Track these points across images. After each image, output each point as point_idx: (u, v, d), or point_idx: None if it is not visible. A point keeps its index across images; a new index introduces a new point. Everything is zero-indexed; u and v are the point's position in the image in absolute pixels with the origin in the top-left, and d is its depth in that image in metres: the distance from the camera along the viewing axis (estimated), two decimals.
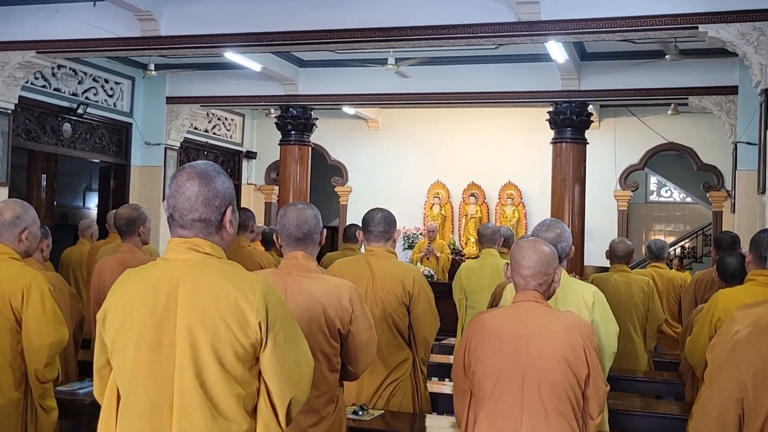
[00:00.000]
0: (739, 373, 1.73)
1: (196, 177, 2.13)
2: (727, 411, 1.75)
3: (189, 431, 2.03)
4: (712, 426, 1.80)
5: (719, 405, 1.77)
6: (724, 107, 9.38)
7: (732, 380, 1.74)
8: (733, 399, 1.73)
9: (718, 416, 1.78)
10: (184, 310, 2.06)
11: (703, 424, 1.84)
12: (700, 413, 1.86)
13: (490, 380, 2.80)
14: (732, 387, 1.74)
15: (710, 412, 1.81)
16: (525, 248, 2.91)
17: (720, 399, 1.78)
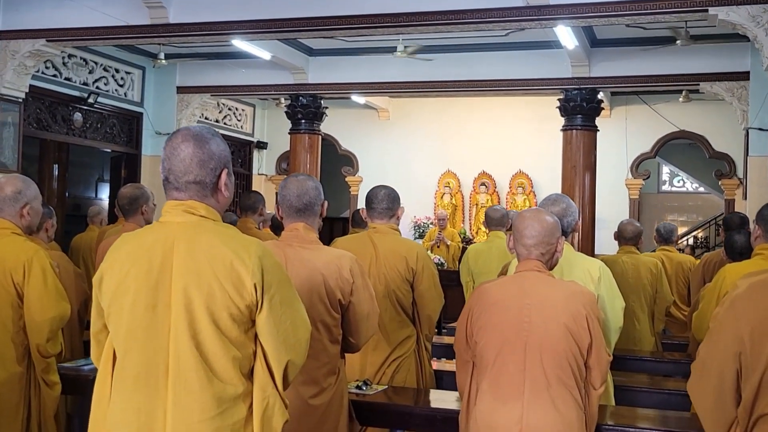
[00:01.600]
0: (737, 328, 1.71)
1: (191, 139, 2.12)
2: (726, 366, 1.73)
3: (184, 393, 2.03)
4: (711, 382, 1.78)
5: (718, 360, 1.76)
6: (736, 93, 9.30)
7: (730, 335, 1.72)
8: (731, 354, 1.71)
9: (717, 372, 1.76)
10: (180, 272, 2.06)
11: (703, 380, 1.82)
12: (699, 369, 1.84)
13: (492, 350, 2.78)
14: (730, 342, 1.72)
15: (709, 368, 1.79)
16: (527, 218, 2.89)
17: (719, 354, 1.76)
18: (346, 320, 3.01)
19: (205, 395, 2.03)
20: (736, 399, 1.73)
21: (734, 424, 1.75)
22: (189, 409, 2.03)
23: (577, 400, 2.75)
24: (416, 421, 3.36)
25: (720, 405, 1.76)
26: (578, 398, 2.75)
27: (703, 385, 1.81)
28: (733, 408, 1.74)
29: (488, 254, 5.97)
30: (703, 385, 1.82)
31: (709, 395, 1.79)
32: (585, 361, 2.77)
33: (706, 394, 1.80)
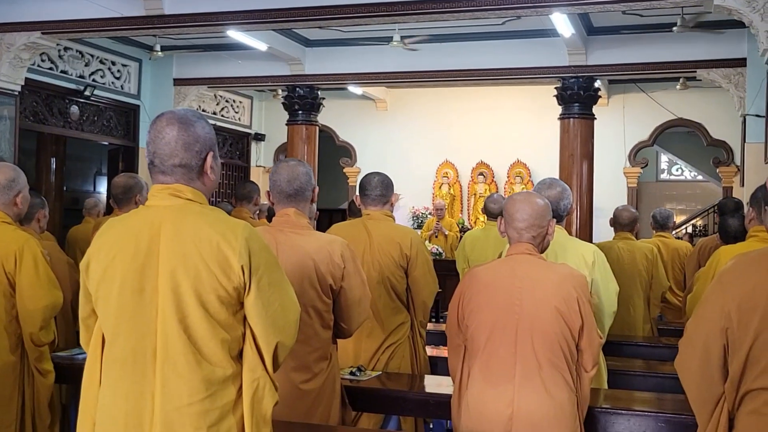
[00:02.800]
0: (724, 303, 1.70)
1: (176, 122, 2.11)
2: (712, 342, 1.72)
3: (173, 376, 2.03)
4: (697, 358, 1.77)
5: (704, 336, 1.75)
6: (733, 80, 9.28)
7: (717, 310, 1.71)
8: (718, 329, 1.70)
9: (703, 347, 1.75)
10: (166, 256, 2.05)
11: (689, 356, 1.81)
12: (686, 345, 1.83)
13: (484, 333, 2.78)
14: (717, 317, 1.71)
15: (695, 344, 1.79)
16: (518, 201, 2.88)
17: (705, 330, 1.75)
18: (337, 305, 3.00)
19: (193, 378, 2.03)
20: (723, 375, 1.72)
21: (721, 399, 1.74)
22: (178, 392, 2.02)
23: (569, 383, 2.75)
24: (409, 406, 3.36)
25: (707, 381, 1.76)
26: (569, 381, 2.75)
27: (690, 361, 1.81)
28: (720, 383, 1.73)
29: (485, 241, 5.96)
30: (689, 361, 1.81)
31: (695, 371, 1.79)
32: (576, 344, 2.77)
33: (693, 371, 1.80)
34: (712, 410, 1.76)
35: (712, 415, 1.76)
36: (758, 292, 1.64)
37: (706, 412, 1.78)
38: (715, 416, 1.75)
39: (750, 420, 1.67)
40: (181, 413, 2.01)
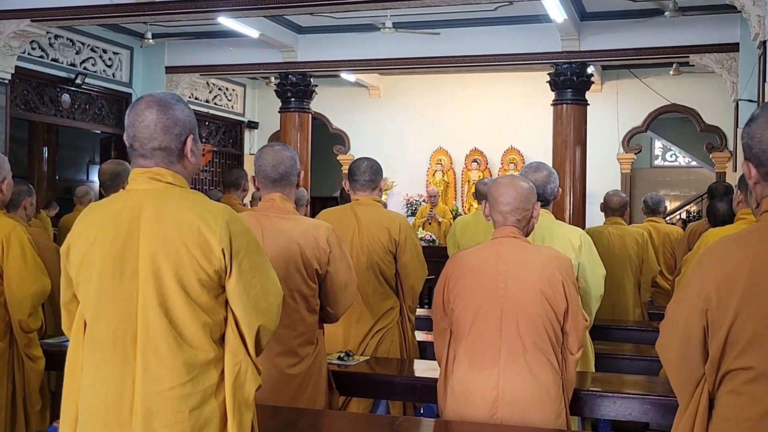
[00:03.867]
0: (703, 284, 1.70)
1: (155, 105, 2.10)
2: (692, 323, 1.72)
3: (154, 360, 2.02)
4: (677, 339, 1.77)
5: (684, 318, 1.75)
6: (726, 65, 9.27)
7: (697, 292, 1.71)
8: (697, 311, 1.70)
9: (683, 329, 1.75)
10: (147, 240, 2.04)
11: (670, 338, 1.81)
12: (666, 328, 1.83)
13: (469, 316, 2.78)
14: (697, 298, 1.71)
15: (676, 326, 1.78)
16: (503, 184, 2.88)
17: (685, 312, 1.75)
18: (323, 290, 3.00)
19: (175, 362, 2.02)
20: (703, 356, 1.72)
21: (702, 380, 1.74)
22: (159, 376, 2.02)
23: (554, 365, 2.75)
24: (397, 391, 3.37)
25: (687, 362, 1.76)
26: (555, 363, 2.76)
27: (671, 343, 1.81)
28: (701, 365, 1.73)
29: (475, 226, 5.93)
30: (670, 343, 1.81)
31: (676, 353, 1.79)
32: (562, 327, 2.77)
33: (674, 352, 1.80)
34: (692, 392, 1.76)
35: (693, 397, 1.76)
36: (737, 273, 1.64)
37: (687, 393, 1.78)
38: (695, 397, 1.75)
39: (729, 399, 1.68)
40: (162, 397, 2.01)
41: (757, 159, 1.73)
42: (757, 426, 1.61)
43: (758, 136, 1.72)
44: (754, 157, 1.74)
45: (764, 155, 1.71)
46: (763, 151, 1.71)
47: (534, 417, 2.69)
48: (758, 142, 1.72)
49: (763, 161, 1.72)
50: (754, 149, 1.73)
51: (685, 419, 1.75)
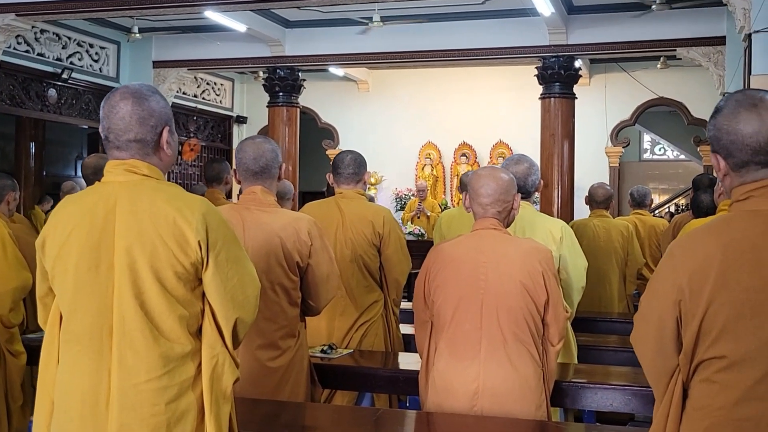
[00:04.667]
0: (675, 275, 1.70)
1: (130, 96, 2.08)
2: (666, 315, 1.72)
3: (130, 353, 2.02)
4: (651, 331, 1.77)
5: (658, 310, 1.75)
6: (712, 58, 9.28)
7: (669, 283, 1.71)
8: (671, 302, 1.70)
9: (657, 321, 1.75)
10: (122, 232, 2.03)
11: (644, 330, 1.81)
12: (640, 320, 1.83)
13: (449, 308, 2.78)
14: (670, 290, 1.71)
15: (649, 318, 1.78)
16: (483, 176, 2.88)
17: (658, 303, 1.75)
18: (305, 283, 3.00)
19: (151, 355, 2.02)
20: (677, 347, 1.73)
21: (676, 371, 1.75)
22: (135, 369, 2.01)
23: (534, 357, 2.75)
24: (379, 383, 3.37)
25: (661, 354, 1.76)
26: (535, 355, 2.76)
27: (644, 335, 1.81)
28: (675, 356, 1.73)
29: (461, 219, 5.91)
30: (644, 335, 1.81)
31: (650, 345, 1.79)
32: (542, 318, 2.77)
33: (648, 344, 1.80)
34: (667, 383, 1.77)
35: (668, 387, 1.77)
36: (708, 263, 1.64)
37: (662, 384, 1.78)
38: (670, 388, 1.75)
39: (702, 387, 1.68)
40: (138, 390, 2.00)
41: (726, 150, 1.73)
42: (729, 414, 1.62)
43: (725, 126, 1.72)
44: (723, 148, 1.74)
45: (732, 146, 1.71)
46: (731, 141, 1.71)
47: (514, 408, 2.70)
48: (726, 132, 1.72)
49: (731, 152, 1.72)
50: (722, 140, 1.73)
51: (661, 410, 1.76)
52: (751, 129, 1.68)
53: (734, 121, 1.70)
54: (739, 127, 1.70)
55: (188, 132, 12.79)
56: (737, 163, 1.72)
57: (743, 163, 1.71)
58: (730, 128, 1.71)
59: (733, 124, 1.70)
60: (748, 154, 1.69)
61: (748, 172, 1.71)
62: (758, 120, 1.68)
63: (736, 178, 1.73)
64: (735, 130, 1.70)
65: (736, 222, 1.69)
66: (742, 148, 1.70)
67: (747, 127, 1.69)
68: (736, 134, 1.70)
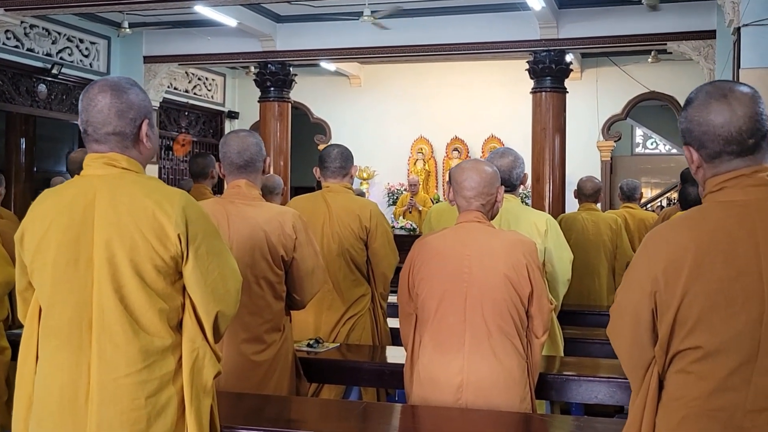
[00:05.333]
0: (650, 267, 1.70)
1: (108, 89, 2.07)
2: (641, 307, 1.72)
3: (109, 347, 2.01)
4: (627, 323, 1.77)
5: (633, 302, 1.75)
6: (703, 52, 9.30)
7: (644, 275, 1.71)
8: (646, 294, 1.70)
9: (632, 313, 1.75)
10: (101, 226, 2.03)
11: (620, 322, 1.81)
12: (616, 312, 1.83)
13: (434, 301, 2.78)
14: (645, 281, 1.71)
15: (625, 310, 1.78)
16: (467, 169, 2.87)
17: (634, 295, 1.75)
18: (290, 276, 2.99)
19: (131, 348, 2.02)
20: (653, 339, 1.72)
21: (652, 363, 1.75)
22: (115, 363, 2.01)
23: (519, 350, 2.75)
24: (365, 377, 3.37)
25: (637, 346, 1.76)
26: (519, 347, 2.76)
27: (620, 327, 1.81)
28: (651, 348, 1.73)
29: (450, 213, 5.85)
30: (620, 327, 1.81)
31: (626, 337, 1.79)
32: (527, 310, 2.77)
33: (624, 336, 1.80)
34: (643, 375, 1.77)
35: (644, 379, 1.77)
36: (682, 254, 1.64)
37: (638, 377, 1.78)
38: (646, 379, 1.76)
39: (677, 378, 1.68)
40: (118, 384, 2.00)
41: (698, 141, 1.73)
42: (704, 404, 1.62)
43: (697, 118, 1.73)
44: (695, 140, 1.74)
45: (705, 137, 1.71)
46: (703, 132, 1.71)
47: (499, 401, 2.70)
48: (698, 124, 1.72)
49: (704, 143, 1.72)
50: (694, 132, 1.73)
51: (637, 402, 1.76)
52: (722, 119, 1.69)
53: (705, 112, 1.71)
54: (710, 117, 1.70)
55: (179, 127, 12.77)
56: (710, 154, 1.72)
57: (716, 154, 1.71)
58: (702, 119, 1.71)
59: (705, 115, 1.71)
60: (720, 144, 1.69)
61: (722, 163, 1.71)
62: (729, 110, 1.68)
63: (710, 170, 1.73)
64: (706, 121, 1.70)
65: (710, 213, 1.69)
66: (714, 139, 1.70)
67: (718, 118, 1.69)
68: (708, 125, 1.70)
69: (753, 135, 1.68)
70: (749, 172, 1.68)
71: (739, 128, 1.67)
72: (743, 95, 1.70)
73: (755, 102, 1.69)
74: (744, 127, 1.67)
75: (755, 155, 1.69)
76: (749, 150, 1.69)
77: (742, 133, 1.68)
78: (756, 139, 1.68)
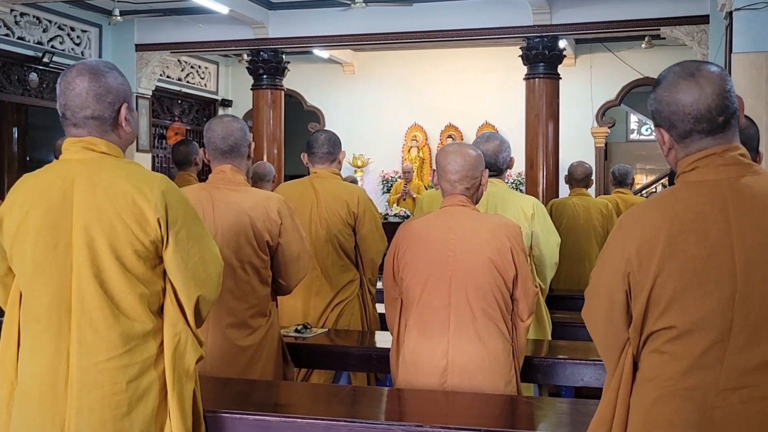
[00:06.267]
0: (624, 248, 1.69)
1: (86, 72, 2.07)
2: (615, 288, 1.72)
3: (89, 332, 2.01)
4: (602, 305, 1.77)
5: (607, 283, 1.75)
6: (696, 37, 9.28)
7: (618, 256, 1.71)
8: (620, 275, 1.70)
9: (606, 295, 1.75)
10: (80, 210, 2.02)
11: (594, 304, 1.81)
12: (591, 294, 1.83)
13: (418, 285, 2.78)
14: (618, 263, 1.70)
15: (600, 292, 1.78)
16: (450, 153, 2.87)
17: (608, 277, 1.75)
18: (275, 262, 2.99)
19: (111, 333, 2.01)
20: (627, 320, 1.72)
21: (626, 345, 1.75)
22: (95, 348, 2.01)
23: (504, 333, 2.76)
24: (352, 362, 3.37)
25: (612, 328, 1.76)
26: (504, 331, 2.76)
27: (595, 309, 1.81)
28: (625, 329, 1.73)
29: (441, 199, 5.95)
30: (594, 309, 1.81)
31: (601, 319, 1.79)
32: (511, 294, 2.78)
33: (598, 318, 1.80)
34: (618, 357, 1.77)
35: (619, 361, 1.77)
36: (655, 234, 1.64)
37: (613, 359, 1.79)
38: (621, 361, 1.76)
39: (651, 358, 1.68)
40: (98, 369, 2.00)
41: (668, 122, 1.72)
42: (678, 383, 1.62)
43: (665, 98, 1.72)
44: (665, 120, 1.73)
45: (674, 117, 1.71)
46: (673, 112, 1.71)
47: (483, 384, 2.70)
48: (666, 104, 1.72)
49: (674, 123, 1.71)
50: (664, 113, 1.73)
51: (612, 384, 1.76)
52: (690, 98, 1.68)
53: (674, 92, 1.70)
54: (678, 96, 1.69)
55: (173, 116, 12.73)
56: (680, 134, 1.71)
57: (686, 134, 1.70)
58: (671, 99, 1.70)
59: (673, 95, 1.70)
60: (689, 123, 1.69)
61: (692, 143, 1.70)
62: (697, 88, 1.68)
63: (681, 150, 1.73)
64: (675, 100, 1.70)
65: (682, 193, 1.69)
66: (684, 118, 1.69)
67: (686, 97, 1.69)
68: (677, 104, 1.70)
69: (722, 113, 1.68)
70: (720, 151, 1.67)
71: (708, 106, 1.67)
72: (711, 74, 1.69)
73: (723, 80, 1.69)
74: (713, 105, 1.67)
75: (725, 133, 1.69)
76: (719, 128, 1.68)
77: (711, 110, 1.67)
78: (725, 117, 1.68)
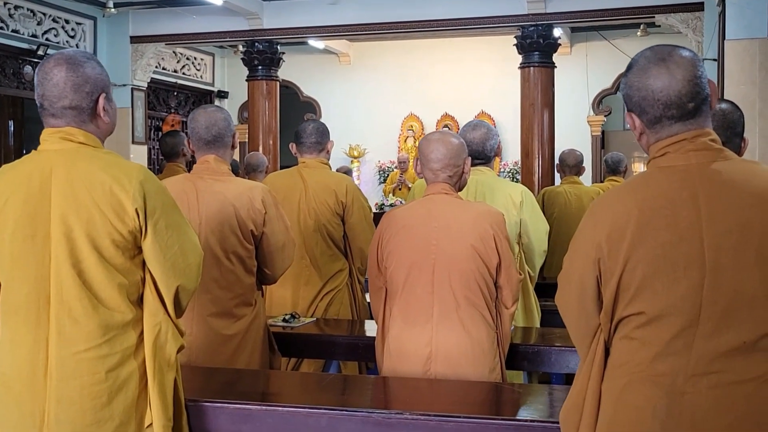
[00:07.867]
0: (594, 233, 1.70)
1: (64, 63, 2.06)
2: (586, 274, 1.72)
3: (68, 322, 2.01)
4: (573, 291, 1.78)
5: (579, 269, 1.75)
6: (690, 24, 9.25)
7: (589, 242, 1.71)
8: (590, 261, 1.70)
9: (578, 281, 1.75)
10: (58, 201, 2.02)
11: (566, 290, 1.82)
12: (563, 281, 1.83)
13: (402, 273, 2.78)
14: (589, 248, 1.70)
15: (571, 278, 1.78)
16: (433, 141, 2.87)
17: (579, 263, 1.75)
18: (260, 251, 3.00)
19: (90, 323, 2.02)
20: (598, 306, 1.73)
21: (598, 331, 1.75)
22: (74, 339, 2.01)
23: (488, 320, 2.76)
24: (339, 351, 3.38)
25: (583, 314, 1.76)
26: (488, 318, 2.77)
27: (567, 294, 1.81)
28: (596, 315, 1.74)
29: None
30: (566, 295, 1.81)
31: (573, 306, 1.79)
32: (495, 281, 2.78)
33: (570, 304, 1.80)
34: (590, 343, 1.77)
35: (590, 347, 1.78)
36: (625, 220, 1.64)
37: (585, 345, 1.79)
38: (593, 347, 1.76)
39: (621, 345, 1.69)
40: (77, 359, 2.00)
41: (639, 107, 1.72)
42: (648, 369, 1.62)
43: (636, 83, 1.72)
44: (636, 106, 1.73)
45: (645, 102, 1.70)
46: (643, 98, 1.70)
47: (468, 372, 2.71)
48: (637, 89, 1.71)
49: (644, 108, 1.71)
50: (634, 98, 1.72)
51: (584, 369, 1.77)
52: (660, 83, 1.68)
53: (644, 77, 1.70)
54: (648, 82, 1.69)
55: (169, 108, 12.72)
56: (651, 120, 1.71)
57: (656, 119, 1.70)
58: (641, 84, 1.70)
59: (644, 80, 1.70)
60: (660, 109, 1.69)
61: (663, 128, 1.70)
62: (667, 74, 1.67)
63: (652, 136, 1.73)
64: (645, 85, 1.70)
65: (652, 178, 1.69)
66: (654, 104, 1.69)
67: (657, 82, 1.68)
68: (647, 90, 1.69)
69: (693, 98, 1.67)
70: (690, 137, 1.67)
71: (678, 92, 1.67)
72: (682, 59, 1.69)
73: (694, 65, 1.69)
74: (683, 91, 1.67)
75: (696, 119, 1.68)
76: (690, 114, 1.68)
77: (682, 96, 1.67)
78: (696, 103, 1.68)
